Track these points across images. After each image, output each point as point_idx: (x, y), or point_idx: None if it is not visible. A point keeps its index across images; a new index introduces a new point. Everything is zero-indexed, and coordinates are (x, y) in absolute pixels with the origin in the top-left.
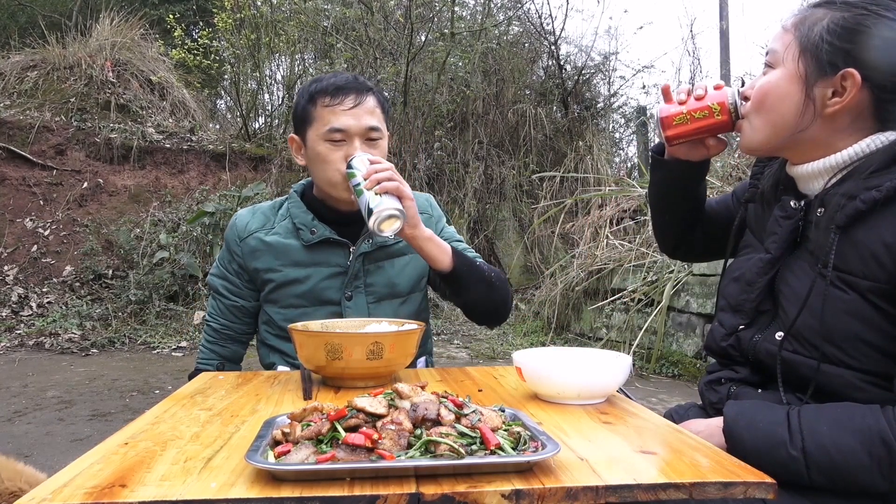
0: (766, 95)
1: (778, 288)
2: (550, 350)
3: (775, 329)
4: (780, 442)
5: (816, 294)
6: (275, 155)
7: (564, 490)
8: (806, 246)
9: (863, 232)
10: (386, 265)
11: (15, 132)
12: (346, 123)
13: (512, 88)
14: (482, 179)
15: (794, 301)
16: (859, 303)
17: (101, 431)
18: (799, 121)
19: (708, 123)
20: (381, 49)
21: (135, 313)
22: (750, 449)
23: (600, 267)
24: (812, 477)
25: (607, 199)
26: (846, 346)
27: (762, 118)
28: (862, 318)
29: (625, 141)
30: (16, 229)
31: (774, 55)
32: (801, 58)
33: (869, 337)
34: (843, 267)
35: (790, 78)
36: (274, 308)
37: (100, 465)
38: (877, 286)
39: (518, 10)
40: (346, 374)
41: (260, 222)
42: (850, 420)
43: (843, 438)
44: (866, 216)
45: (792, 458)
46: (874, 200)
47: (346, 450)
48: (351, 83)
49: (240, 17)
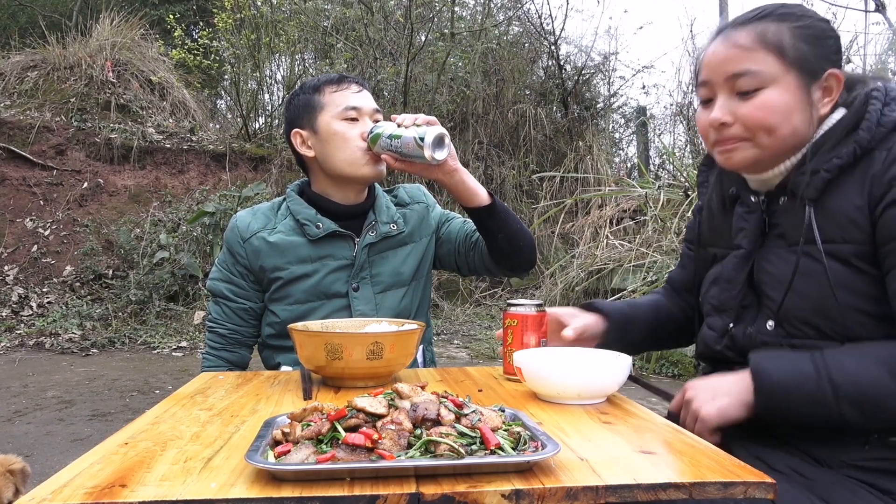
0: (773, 114)
1: (758, 279)
2: (550, 350)
3: (764, 319)
4: (808, 374)
5: (801, 273)
6: (275, 155)
7: (564, 490)
8: (774, 233)
9: (834, 200)
10: (390, 255)
11: (15, 132)
12: (359, 102)
13: (512, 88)
14: (482, 179)
15: (778, 287)
16: (843, 271)
17: (101, 431)
18: (807, 128)
19: None
20: (381, 49)
21: (135, 313)
22: (777, 383)
23: (600, 267)
24: (842, 409)
25: (607, 199)
26: (839, 318)
27: (773, 135)
28: (849, 287)
29: (625, 141)
30: (16, 229)
31: (758, 76)
32: (791, 70)
33: (859, 304)
34: (823, 238)
35: (790, 90)
36: (280, 306)
37: (100, 465)
38: (859, 248)
39: (518, 10)
40: (346, 374)
41: (262, 223)
42: (874, 350)
43: (870, 368)
44: (833, 184)
45: (821, 391)
46: (837, 167)
47: (346, 450)
48: (350, 75)
49: (240, 17)
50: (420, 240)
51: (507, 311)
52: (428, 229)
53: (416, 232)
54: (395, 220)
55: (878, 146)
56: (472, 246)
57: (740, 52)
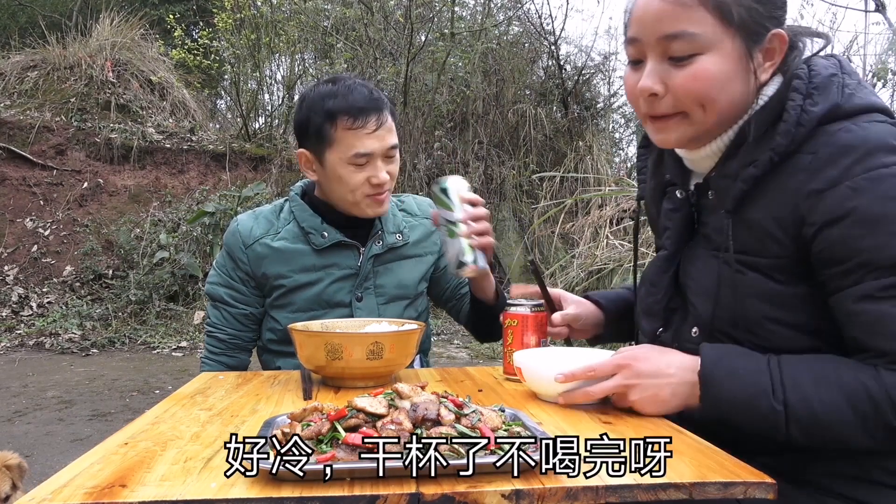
0: (709, 86)
1: (683, 282)
2: (550, 350)
3: (689, 326)
4: (762, 392)
5: (723, 284)
6: (275, 155)
7: (564, 490)
8: (702, 231)
9: (752, 210)
10: (394, 266)
11: (15, 132)
12: (371, 147)
13: (512, 88)
14: (482, 179)
15: (701, 293)
16: (763, 283)
17: (101, 431)
18: (746, 98)
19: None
20: (381, 49)
21: (135, 313)
22: (727, 398)
23: (600, 267)
24: (790, 431)
25: (607, 199)
26: (760, 331)
27: (709, 109)
28: (768, 299)
29: (625, 141)
30: (16, 229)
31: (694, 40)
32: (733, 33)
33: (779, 315)
34: (742, 248)
35: (730, 58)
36: (283, 313)
37: (100, 465)
38: (777, 262)
39: (518, 10)
40: (346, 374)
41: (264, 227)
42: (835, 374)
43: (828, 393)
44: (752, 194)
45: (773, 411)
46: (754, 178)
47: (346, 450)
48: (371, 103)
49: (240, 17)
50: (424, 255)
51: (506, 311)
52: (432, 247)
53: (419, 245)
54: (400, 230)
55: (801, 149)
56: (459, 298)
57: (676, 7)
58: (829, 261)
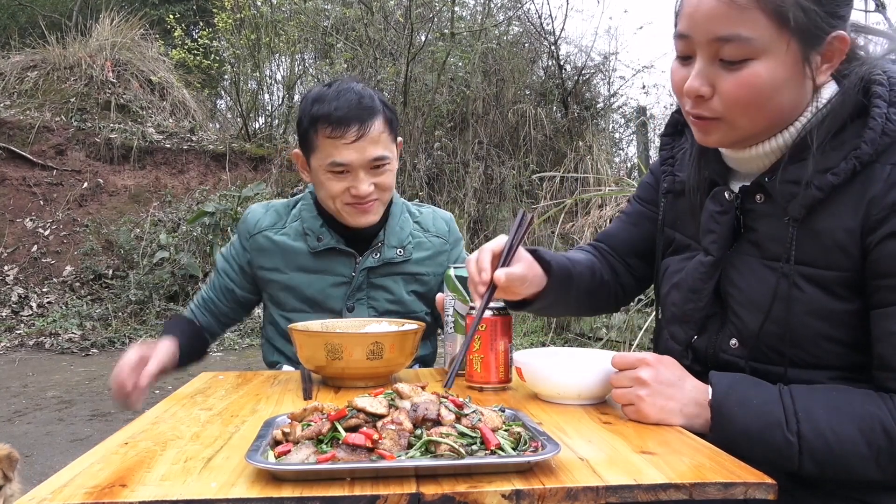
0: (759, 92)
1: (724, 290)
2: (550, 350)
3: (727, 335)
4: (775, 423)
5: (780, 298)
6: (275, 155)
7: (565, 490)
8: (748, 238)
9: (820, 220)
10: (389, 282)
11: (15, 132)
12: (349, 158)
13: (512, 88)
14: (482, 179)
15: (748, 305)
16: (820, 299)
17: (101, 431)
18: (800, 102)
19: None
20: (381, 49)
21: (135, 313)
22: (740, 429)
23: None
24: (802, 463)
25: (607, 199)
26: (810, 347)
27: (755, 116)
28: (825, 316)
29: (625, 141)
30: (16, 229)
31: (747, 45)
32: (789, 37)
33: (833, 333)
34: (804, 260)
35: (784, 64)
36: (278, 311)
37: (100, 465)
38: (841, 275)
39: (518, 10)
40: (346, 374)
41: (272, 220)
42: (849, 406)
43: (842, 425)
44: (825, 203)
45: (787, 443)
46: (831, 186)
47: (346, 450)
48: (353, 111)
49: (240, 17)
50: (426, 276)
51: (471, 315)
52: (438, 268)
53: (422, 264)
54: (403, 245)
55: (880, 159)
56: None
57: (730, 8)
58: (882, 273)
